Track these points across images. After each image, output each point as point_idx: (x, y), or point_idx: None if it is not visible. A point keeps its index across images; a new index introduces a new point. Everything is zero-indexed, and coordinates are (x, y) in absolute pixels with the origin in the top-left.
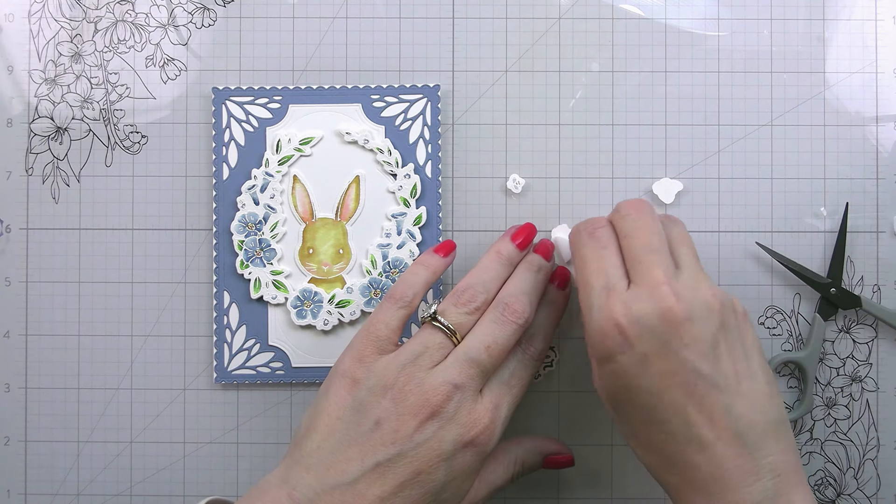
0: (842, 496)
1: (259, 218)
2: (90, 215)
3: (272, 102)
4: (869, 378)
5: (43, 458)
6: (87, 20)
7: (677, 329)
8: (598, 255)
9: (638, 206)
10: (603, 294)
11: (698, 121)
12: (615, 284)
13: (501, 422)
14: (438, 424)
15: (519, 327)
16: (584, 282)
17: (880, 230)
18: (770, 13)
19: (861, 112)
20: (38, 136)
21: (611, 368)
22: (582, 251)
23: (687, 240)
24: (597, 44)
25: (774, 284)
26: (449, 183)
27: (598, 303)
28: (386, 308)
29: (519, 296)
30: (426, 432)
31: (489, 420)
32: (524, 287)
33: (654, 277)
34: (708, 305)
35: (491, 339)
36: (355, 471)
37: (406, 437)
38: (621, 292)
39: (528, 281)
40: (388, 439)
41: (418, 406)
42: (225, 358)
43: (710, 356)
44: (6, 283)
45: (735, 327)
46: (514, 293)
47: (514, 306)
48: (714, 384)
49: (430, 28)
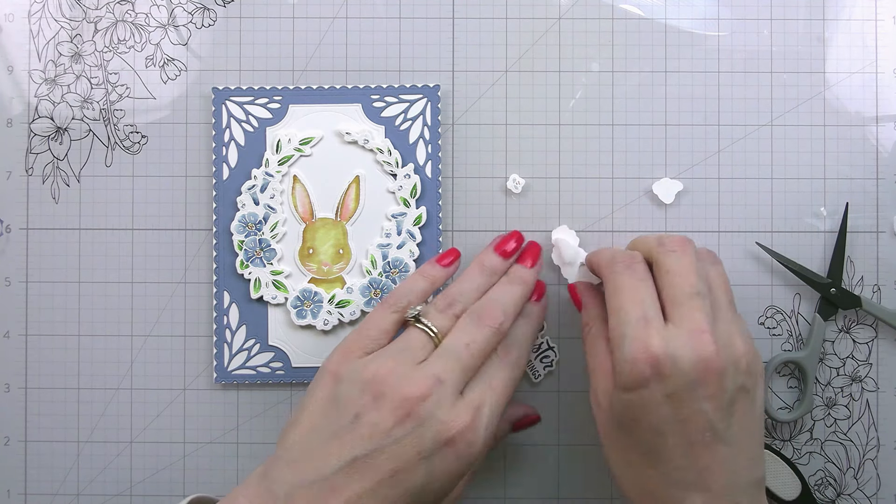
0: (842, 496)
1: (259, 218)
2: (90, 215)
3: (272, 102)
4: (869, 378)
5: (43, 458)
6: (87, 20)
7: (706, 379)
8: (634, 286)
9: (683, 244)
10: (640, 325)
11: (698, 121)
12: (653, 317)
13: (484, 425)
14: (418, 421)
15: (494, 331)
16: (618, 309)
17: (880, 230)
18: (770, 13)
19: (861, 112)
20: (38, 136)
21: (630, 398)
22: (617, 279)
23: (725, 283)
24: (597, 44)
25: (774, 284)
26: (449, 183)
27: (634, 332)
28: (379, 311)
29: (493, 303)
30: (405, 427)
31: (470, 419)
32: (500, 297)
33: (695, 322)
34: (737, 363)
35: (469, 337)
36: (333, 465)
37: (384, 432)
38: (660, 327)
39: (507, 293)
40: (367, 433)
41: (398, 401)
42: (225, 358)
43: (725, 412)
44: (6, 283)
45: (752, 387)
46: (488, 302)
47: (488, 311)
48: (721, 439)
49: (430, 28)
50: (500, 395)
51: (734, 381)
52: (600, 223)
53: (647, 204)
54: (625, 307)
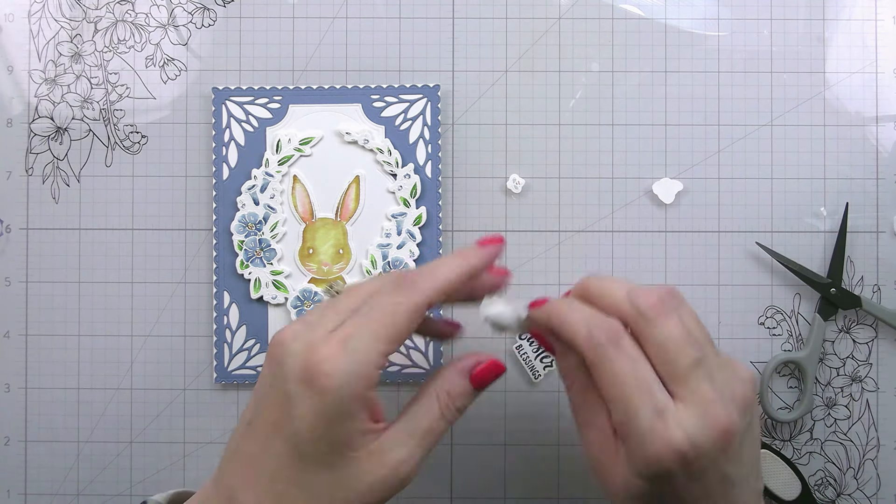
0: (842, 496)
1: (259, 218)
2: (90, 215)
3: (272, 102)
4: (869, 378)
5: (43, 458)
6: (87, 20)
7: (726, 447)
8: (632, 371)
9: (661, 306)
10: (655, 418)
11: (698, 121)
12: (665, 406)
13: (350, 357)
14: (279, 361)
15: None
16: (623, 401)
17: (880, 230)
18: (770, 13)
19: (861, 112)
20: (38, 136)
21: (650, 486)
22: (611, 367)
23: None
24: (597, 44)
25: (774, 284)
26: (449, 183)
27: (650, 426)
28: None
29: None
30: (272, 371)
31: (331, 350)
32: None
33: (704, 394)
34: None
35: (359, 285)
36: (239, 432)
37: (262, 384)
38: (674, 414)
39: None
40: (255, 389)
41: (270, 349)
42: (225, 358)
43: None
44: (6, 283)
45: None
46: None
47: (402, 272)
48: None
49: (430, 28)
50: (376, 323)
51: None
52: (600, 223)
53: (647, 204)
54: (632, 399)
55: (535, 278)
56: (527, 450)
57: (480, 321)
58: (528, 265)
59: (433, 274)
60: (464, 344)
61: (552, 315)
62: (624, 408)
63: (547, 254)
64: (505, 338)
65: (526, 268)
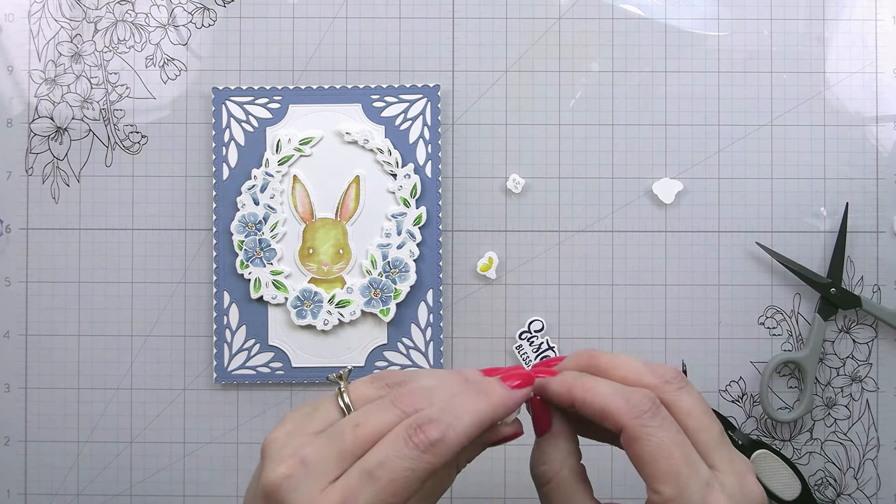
0: (842, 496)
1: (259, 218)
2: (90, 215)
3: (272, 102)
4: (869, 378)
5: (43, 458)
6: (87, 20)
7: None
8: (677, 442)
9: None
10: (706, 491)
11: (698, 121)
12: (710, 478)
13: None
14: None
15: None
16: (674, 475)
17: (880, 230)
18: (770, 13)
19: (861, 112)
20: (38, 136)
21: None
22: (657, 438)
23: (709, 409)
24: (597, 44)
25: (774, 284)
26: (449, 183)
27: (701, 499)
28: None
29: (422, 391)
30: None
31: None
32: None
33: (738, 465)
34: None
35: (365, 418)
36: None
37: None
38: (721, 488)
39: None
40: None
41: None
42: (225, 358)
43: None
44: (6, 283)
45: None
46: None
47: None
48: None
49: (430, 28)
50: (383, 487)
51: None
52: (600, 223)
53: (647, 204)
54: (682, 471)
55: (535, 278)
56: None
57: None
58: (528, 265)
59: (454, 427)
60: (464, 344)
61: (574, 387)
62: (675, 481)
63: (547, 254)
64: (504, 339)
65: (526, 268)
